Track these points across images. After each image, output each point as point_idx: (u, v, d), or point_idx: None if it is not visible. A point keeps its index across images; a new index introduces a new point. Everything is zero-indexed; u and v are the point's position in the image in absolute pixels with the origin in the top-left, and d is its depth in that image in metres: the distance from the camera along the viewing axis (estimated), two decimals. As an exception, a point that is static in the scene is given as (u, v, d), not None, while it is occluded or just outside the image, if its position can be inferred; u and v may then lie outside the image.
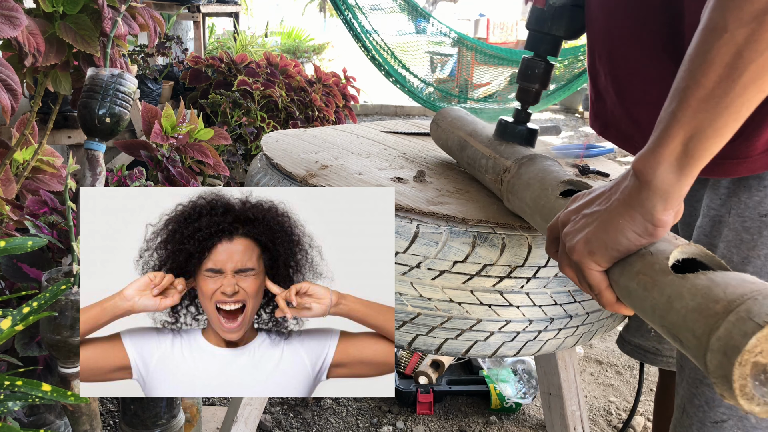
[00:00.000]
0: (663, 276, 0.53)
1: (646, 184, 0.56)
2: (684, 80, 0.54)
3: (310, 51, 7.26)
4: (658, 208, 0.56)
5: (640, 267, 0.56)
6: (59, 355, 0.87)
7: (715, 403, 0.77)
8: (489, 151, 0.87)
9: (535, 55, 0.89)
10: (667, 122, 0.54)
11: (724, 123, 0.52)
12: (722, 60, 0.51)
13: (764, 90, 0.51)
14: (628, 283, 0.57)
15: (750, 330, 0.43)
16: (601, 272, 0.60)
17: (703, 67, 0.52)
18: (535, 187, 0.74)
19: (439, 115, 1.06)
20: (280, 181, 0.93)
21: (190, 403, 1.34)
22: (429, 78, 6.62)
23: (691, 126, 0.53)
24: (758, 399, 0.45)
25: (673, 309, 0.50)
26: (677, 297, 0.50)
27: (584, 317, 0.83)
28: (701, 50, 0.52)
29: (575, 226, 0.62)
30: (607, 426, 1.73)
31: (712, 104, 0.52)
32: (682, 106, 0.53)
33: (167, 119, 1.91)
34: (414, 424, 1.67)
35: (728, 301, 0.46)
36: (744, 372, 0.44)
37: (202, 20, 4.10)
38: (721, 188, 0.76)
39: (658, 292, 0.52)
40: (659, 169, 0.55)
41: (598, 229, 0.59)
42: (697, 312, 0.48)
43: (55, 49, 1.24)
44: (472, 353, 0.80)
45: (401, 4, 5.06)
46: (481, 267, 0.76)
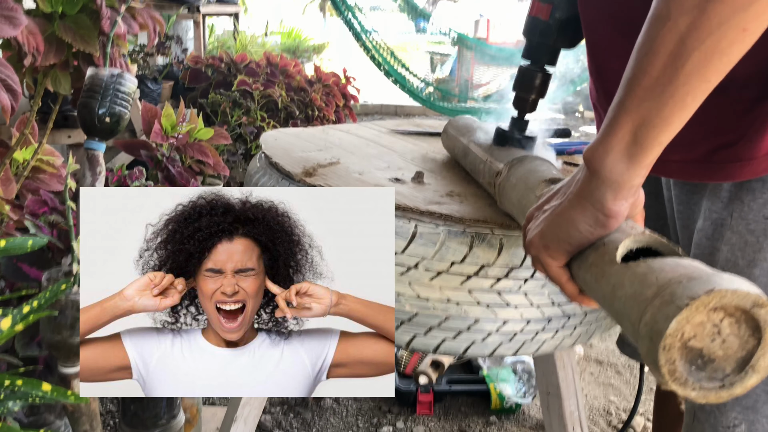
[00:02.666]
0: (610, 266, 0.53)
1: (596, 173, 0.55)
2: (631, 69, 0.53)
3: (310, 51, 7.26)
4: (608, 198, 0.55)
5: (593, 259, 0.55)
6: (59, 355, 0.87)
7: (726, 408, 0.76)
8: (486, 156, 0.87)
9: (532, 64, 0.87)
10: (616, 111, 0.54)
11: (670, 112, 0.51)
12: (666, 48, 0.50)
13: (709, 79, 0.50)
14: (585, 275, 0.56)
15: (671, 313, 0.43)
16: (560, 266, 0.60)
17: (648, 55, 0.51)
18: (520, 187, 0.74)
19: (448, 124, 1.06)
20: (279, 180, 0.93)
21: (190, 403, 1.34)
22: (429, 78, 6.63)
23: (638, 115, 0.52)
24: (693, 383, 0.45)
25: (616, 297, 0.50)
26: (619, 285, 0.50)
27: (582, 317, 0.83)
28: (647, 39, 0.52)
29: (535, 223, 0.62)
30: (607, 426, 1.73)
31: (657, 92, 0.51)
32: (629, 95, 0.53)
33: (167, 119, 1.92)
34: (414, 424, 1.67)
35: (658, 287, 0.46)
36: (671, 356, 0.44)
37: (201, 20, 4.10)
38: (722, 191, 0.76)
39: (606, 282, 0.52)
40: (607, 158, 0.54)
41: (552, 222, 0.59)
42: (632, 299, 0.47)
43: (55, 48, 1.24)
44: (469, 353, 0.81)
45: (401, 4, 5.06)
46: (479, 267, 0.76)
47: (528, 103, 0.89)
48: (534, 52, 0.87)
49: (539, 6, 0.84)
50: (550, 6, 0.82)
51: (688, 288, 0.44)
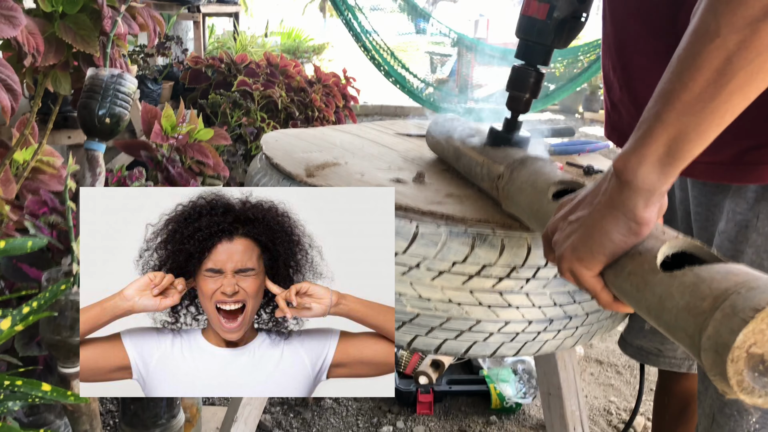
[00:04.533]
0: (653, 275, 0.53)
1: (627, 183, 0.55)
2: (671, 82, 0.53)
3: (310, 51, 7.25)
4: (640, 206, 0.55)
5: (631, 268, 0.55)
6: (59, 355, 0.87)
7: (748, 412, 0.76)
8: (482, 158, 0.87)
9: (526, 64, 0.86)
10: (651, 123, 0.54)
11: (708, 127, 0.52)
12: (711, 65, 0.50)
13: (749, 97, 0.51)
14: (622, 285, 0.56)
15: (736, 326, 0.43)
16: (594, 276, 0.60)
17: (691, 70, 0.51)
18: (528, 191, 0.74)
19: (432, 124, 1.05)
20: (279, 181, 0.93)
21: (190, 403, 1.34)
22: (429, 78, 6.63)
23: (676, 128, 0.53)
24: (759, 391, 0.45)
25: (666, 309, 0.50)
26: (668, 296, 0.50)
27: (583, 318, 0.83)
28: (690, 53, 0.52)
29: (562, 234, 0.62)
30: (608, 426, 1.73)
31: (698, 108, 0.52)
32: (667, 108, 0.53)
33: (167, 119, 1.91)
34: (414, 424, 1.67)
35: (714, 298, 0.46)
36: (738, 367, 0.44)
37: (202, 20, 4.10)
38: (748, 193, 0.75)
39: (650, 292, 0.52)
40: (641, 169, 0.55)
41: (583, 235, 0.59)
42: (686, 311, 0.47)
43: (55, 48, 1.23)
44: (471, 354, 0.80)
45: (401, 4, 5.06)
46: (480, 268, 0.76)
47: (522, 103, 0.88)
48: (529, 53, 0.85)
49: (536, 5, 0.82)
50: (547, 5, 0.80)
51: (748, 299, 0.44)
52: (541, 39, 0.83)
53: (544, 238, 0.66)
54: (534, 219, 0.72)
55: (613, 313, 0.90)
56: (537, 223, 0.72)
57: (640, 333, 1.03)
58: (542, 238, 0.67)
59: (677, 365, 1.02)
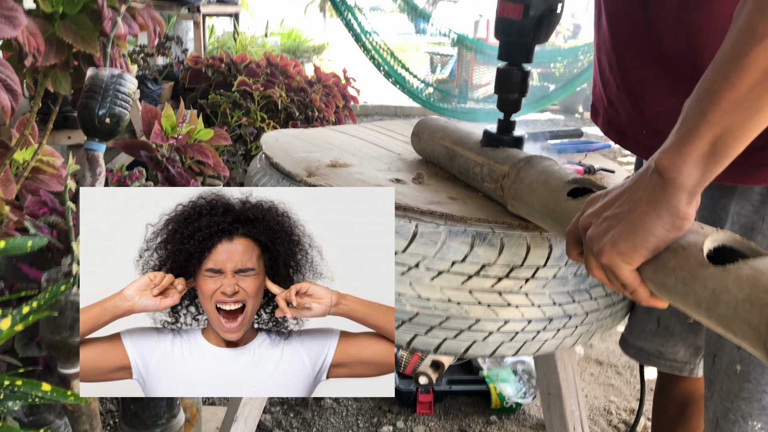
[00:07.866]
0: (702, 270, 0.53)
1: (671, 181, 0.56)
2: (716, 81, 0.54)
3: (310, 51, 7.26)
4: (683, 203, 0.56)
5: (675, 262, 0.56)
6: (59, 355, 0.87)
7: (752, 418, 0.76)
8: (481, 159, 0.87)
9: (510, 64, 0.87)
10: (696, 121, 0.55)
11: (754, 125, 0.53)
12: (759, 65, 0.51)
13: None
14: (665, 280, 0.57)
15: None
16: (633, 271, 0.60)
17: (738, 70, 0.52)
18: (540, 190, 0.74)
19: (418, 126, 1.04)
20: (279, 181, 0.93)
21: (190, 403, 1.34)
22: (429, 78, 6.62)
23: (721, 127, 0.54)
24: None
25: (721, 302, 0.51)
26: (723, 290, 0.51)
27: (583, 317, 0.83)
28: (737, 53, 0.52)
29: (598, 229, 0.61)
30: (608, 426, 1.73)
31: (744, 107, 0.52)
32: (712, 106, 0.54)
33: (167, 119, 1.91)
34: (414, 424, 1.67)
35: None
36: None
37: (202, 20, 4.10)
38: (753, 195, 0.76)
39: (701, 286, 0.53)
40: (685, 166, 0.55)
41: (625, 229, 0.59)
42: (749, 303, 0.48)
43: (55, 49, 1.24)
44: (470, 353, 0.81)
45: (401, 5, 5.05)
46: (479, 267, 0.76)
47: (512, 103, 0.88)
48: (511, 53, 0.86)
49: (510, 7, 0.83)
50: (522, 5, 0.81)
51: None
52: (521, 38, 0.84)
53: (570, 233, 0.66)
54: (548, 218, 0.72)
55: (613, 313, 0.90)
56: (552, 222, 0.72)
57: (641, 334, 1.03)
58: (567, 234, 0.66)
59: (678, 368, 1.02)
